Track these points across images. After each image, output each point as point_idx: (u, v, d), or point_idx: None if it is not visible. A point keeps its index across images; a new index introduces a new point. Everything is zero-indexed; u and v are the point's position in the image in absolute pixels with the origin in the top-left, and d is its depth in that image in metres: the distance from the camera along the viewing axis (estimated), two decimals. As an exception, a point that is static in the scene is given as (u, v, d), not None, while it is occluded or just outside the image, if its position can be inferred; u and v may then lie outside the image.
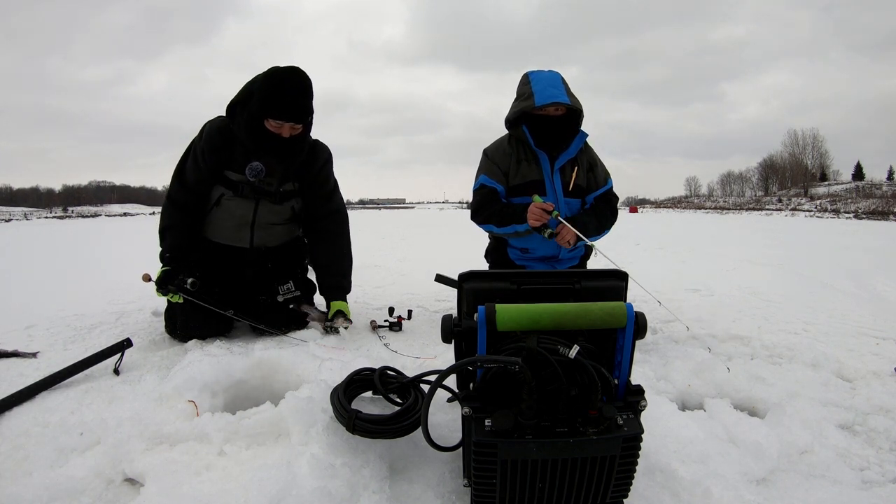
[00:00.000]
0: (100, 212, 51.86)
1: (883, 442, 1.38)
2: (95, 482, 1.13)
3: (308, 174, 2.21)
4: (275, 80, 1.94)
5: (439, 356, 1.98)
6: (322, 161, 2.24)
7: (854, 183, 60.99)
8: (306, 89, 1.98)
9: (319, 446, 1.10)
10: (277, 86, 1.93)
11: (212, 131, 2.06)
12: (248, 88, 2.01)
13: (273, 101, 1.93)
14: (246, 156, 2.04)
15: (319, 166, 2.23)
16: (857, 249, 6.82)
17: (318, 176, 2.24)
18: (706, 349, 2.11)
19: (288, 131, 2.00)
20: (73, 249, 7.21)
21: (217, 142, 2.05)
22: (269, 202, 2.15)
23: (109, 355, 1.79)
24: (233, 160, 2.07)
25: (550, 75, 2.27)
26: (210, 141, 2.05)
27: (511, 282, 1.16)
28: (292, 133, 2.02)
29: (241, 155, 2.05)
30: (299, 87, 1.96)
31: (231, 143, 2.06)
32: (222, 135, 2.05)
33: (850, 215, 28.68)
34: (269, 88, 1.93)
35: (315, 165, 2.22)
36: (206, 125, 2.10)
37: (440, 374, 0.99)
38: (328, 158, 2.28)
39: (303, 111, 1.99)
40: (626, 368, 1.06)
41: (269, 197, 2.14)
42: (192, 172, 2.11)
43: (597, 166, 2.40)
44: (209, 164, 2.07)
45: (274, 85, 1.93)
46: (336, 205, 2.34)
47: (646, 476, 1.15)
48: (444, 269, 2.60)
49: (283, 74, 1.96)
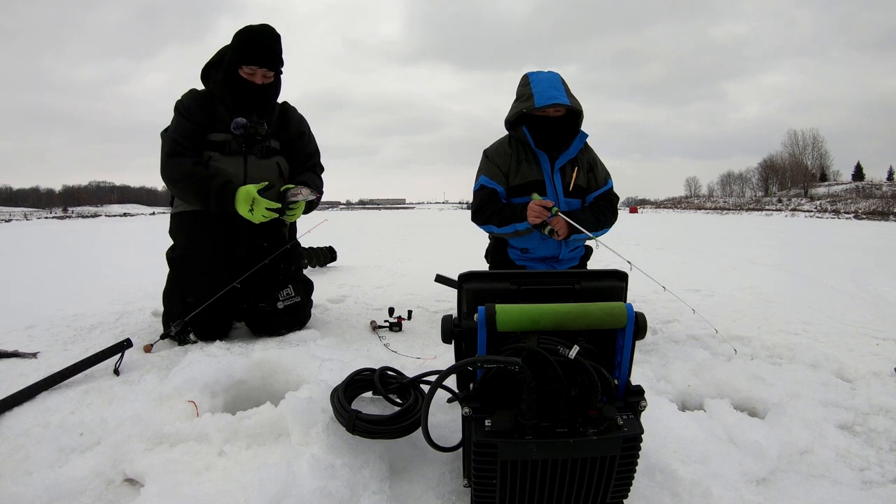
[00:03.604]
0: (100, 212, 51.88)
1: (883, 442, 1.38)
2: (95, 482, 1.13)
3: (285, 132, 2.30)
4: (246, 32, 2.13)
5: (439, 356, 1.98)
6: (297, 118, 2.37)
7: (854, 183, 61.04)
8: (276, 38, 2.15)
9: (319, 446, 1.10)
10: (248, 35, 2.12)
11: (192, 94, 2.19)
12: (222, 51, 2.21)
13: (245, 49, 2.10)
14: (228, 114, 2.14)
15: (296, 123, 2.35)
16: (857, 249, 6.82)
17: (297, 132, 2.34)
18: (706, 349, 2.11)
19: (260, 78, 2.14)
20: (73, 249, 7.22)
21: (200, 102, 2.16)
22: (256, 157, 2.17)
23: (109, 355, 1.79)
24: (215, 121, 2.14)
25: (550, 76, 2.28)
26: (193, 100, 2.16)
27: (511, 282, 1.16)
28: (264, 81, 2.15)
29: (223, 114, 2.14)
30: (269, 34, 2.13)
31: (211, 104, 2.16)
32: (203, 97, 2.18)
33: (851, 216, 28.70)
34: (241, 40, 2.12)
35: (291, 123, 2.33)
36: (180, 97, 2.20)
37: (440, 375, 0.99)
38: (301, 117, 2.40)
39: (274, 56, 2.14)
40: (626, 369, 1.06)
41: (256, 150, 2.17)
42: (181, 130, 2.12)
43: (597, 166, 2.40)
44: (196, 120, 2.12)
45: (245, 36, 2.12)
46: (316, 160, 2.43)
47: (646, 476, 1.15)
48: (444, 270, 2.60)
49: (254, 27, 2.14)
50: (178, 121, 2.13)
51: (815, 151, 62.71)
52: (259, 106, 2.19)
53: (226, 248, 2.15)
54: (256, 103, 2.17)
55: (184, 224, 2.18)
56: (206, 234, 2.14)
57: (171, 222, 2.24)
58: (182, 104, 2.16)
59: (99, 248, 7.44)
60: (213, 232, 2.13)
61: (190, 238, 2.17)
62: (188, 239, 2.18)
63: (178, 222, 2.21)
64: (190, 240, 2.17)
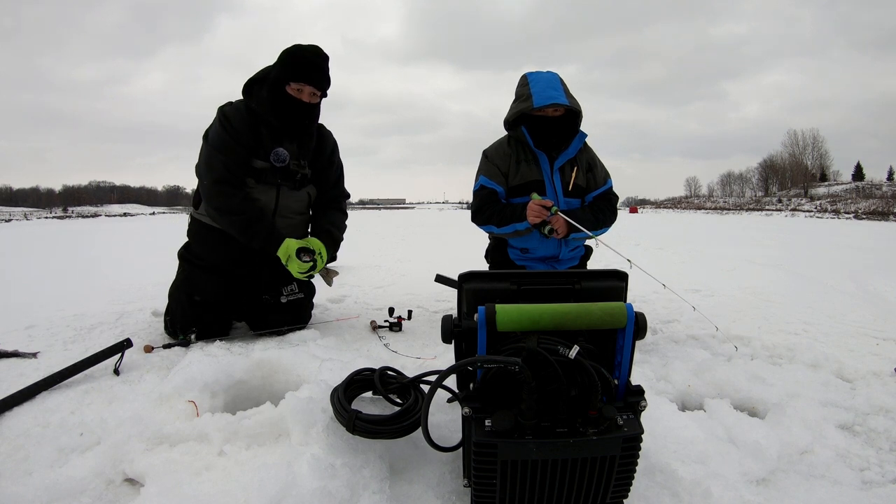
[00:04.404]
0: (100, 212, 51.87)
1: (883, 442, 1.38)
2: (95, 482, 1.13)
3: (320, 159, 2.29)
4: (296, 49, 2.09)
5: (439, 356, 1.98)
6: (331, 145, 2.36)
7: (854, 183, 61.05)
8: (326, 58, 2.12)
9: (319, 446, 1.10)
10: (299, 53, 2.08)
11: (238, 110, 2.11)
12: (266, 69, 2.14)
13: (295, 65, 2.06)
14: (271, 139, 2.11)
15: (329, 151, 2.34)
16: (857, 250, 6.82)
17: (329, 160, 2.34)
18: (706, 349, 2.11)
19: (308, 96, 2.10)
20: (74, 249, 7.21)
21: (247, 122, 2.08)
22: (289, 188, 2.17)
23: (109, 355, 1.79)
24: (259, 146, 2.10)
25: (549, 76, 2.28)
26: (241, 120, 2.08)
27: (511, 282, 1.16)
28: (311, 100, 2.12)
29: (266, 139, 2.10)
30: (320, 54, 2.10)
31: (256, 126, 2.10)
32: (248, 115, 2.10)
33: (851, 216, 28.69)
34: (291, 56, 2.07)
35: (326, 150, 2.32)
36: (226, 107, 2.13)
37: (440, 375, 0.99)
38: (335, 143, 2.39)
39: (323, 76, 2.11)
40: (626, 369, 1.06)
41: (290, 182, 2.17)
42: (230, 152, 2.05)
43: (596, 166, 2.40)
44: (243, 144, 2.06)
45: (295, 53, 2.08)
46: (341, 189, 2.43)
47: (646, 476, 1.15)
48: (444, 270, 2.60)
49: (304, 46, 2.11)
50: (225, 140, 2.04)
51: (815, 151, 62.82)
52: (302, 128, 2.16)
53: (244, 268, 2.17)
54: (300, 123, 2.13)
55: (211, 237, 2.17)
56: (228, 254, 2.15)
57: (194, 226, 2.24)
58: (229, 122, 2.07)
59: (99, 248, 7.43)
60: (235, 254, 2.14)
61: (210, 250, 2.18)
62: (208, 250, 2.18)
63: (200, 229, 2.21)
64: (210, 251, 2.18)
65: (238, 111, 2.10)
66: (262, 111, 2.09)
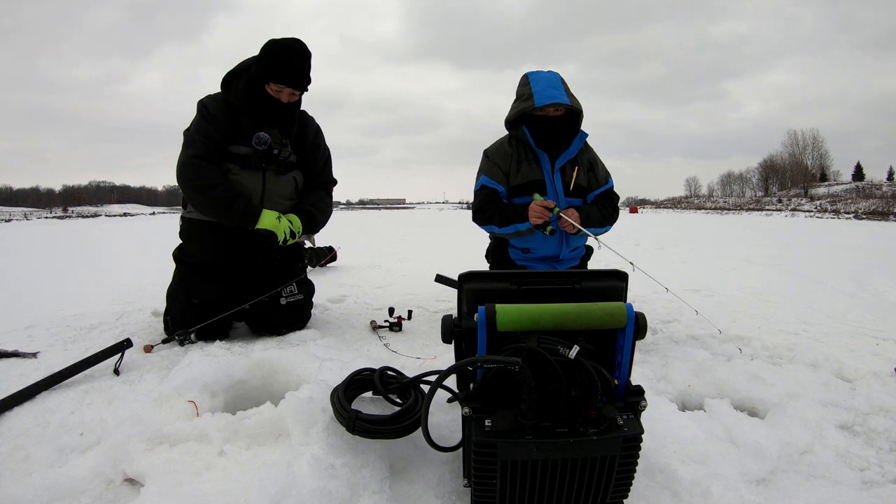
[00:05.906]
0: (100, 212, 51.89)
1: (883, 442, 1.38)
2: (95, 482, 1.13)
3: (304, 144, 2.29)
4: (277, 48, 2.05)
5: (439, 356, 1.98)
6: (314, 129, 2.35)
7: (854, 183, 61.05)
8: (306, 56, 2.09)
9: (319, 446, 1.10)
10: (280, 53, 2.04)
11: (216, 100, 2.12)
12: (246, 62, 2.13)
13: (276, 67, 2.03)
14: (251, 127, 2.10)
15: (312, 134, 2.33)
16: (857, 250, 6.82)
17: (314, 144, 2.33)
18: (706, 349, 2.11)
19: (287, 97, 2.10)
20: (73, 249, 7.22)
21: (224, 111, 2.09)
22: (274, 173, 2.16)
23: (109, 355, 1.79)
24: (238, 133, 2.10)
25: (550, 76, 2.28)
26: (218, 108, 2.09)
27: (511, 282, 1.16)
28: (290, 99, 2.11)
29: (246, 127, 2.10)
30: (301, 53, 2.07)
31: (234, 115, 2.10)
32: (226, 106, 2.11)
33: (851, 216, 28.68)
34: (271, 55, 2.04)
35: (309, 135, 2.31)
36: (205, 99, 2.14)
37: (440, 375, 0.99)
38: (318, 128, 2.38)
39: (303, 78, 2.10)
40: (626, 369, 1.06)
41: (274, 166, 2.16)
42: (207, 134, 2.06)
43: (597, 166, 2.40)
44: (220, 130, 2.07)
45: (276, 52, 2.04)
46: (328, 175, 2.42)
47: (646, 476, 1.15)
48: (445, 270, 2.60)
49: (286, 42, 2.07)
50: (203, 126, 2.07)
51: (815, 151, 62.80)
52: (282, 121, 2.16)
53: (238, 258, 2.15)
54: (279, 119, 2.14)
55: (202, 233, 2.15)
56: (220, 245, 2.13)
57: (184, 226, 2.22)
58: (207, 109, 2.09)
59: (99, 248, 7.44)
60: (228, 243, 2.12)
61: (204, 246, 2.16)
62: (202, 247, 2.17)
63: (191, 227, 2.19)
64: (203, 247, 2.16)
65: (216, 101, 2.12)
66: (239, 104, 2.10)
